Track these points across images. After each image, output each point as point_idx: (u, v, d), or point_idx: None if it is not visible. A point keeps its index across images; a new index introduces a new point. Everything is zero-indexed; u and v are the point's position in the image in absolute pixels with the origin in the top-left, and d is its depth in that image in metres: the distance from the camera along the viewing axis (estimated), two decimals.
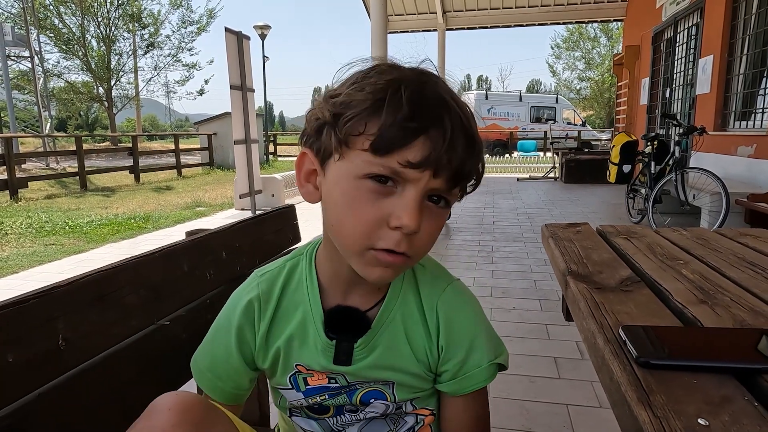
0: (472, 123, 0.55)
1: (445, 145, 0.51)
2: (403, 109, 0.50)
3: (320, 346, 0.64)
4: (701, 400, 0.43)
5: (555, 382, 2.05)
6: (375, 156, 0.52)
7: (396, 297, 0.65)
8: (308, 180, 0.60)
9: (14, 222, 6.25)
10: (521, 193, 8.21)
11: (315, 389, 0.67)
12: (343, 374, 0.65)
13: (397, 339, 0.65)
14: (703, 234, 1.08)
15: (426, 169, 0.51)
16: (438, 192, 0.54)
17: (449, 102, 0.53)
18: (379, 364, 0.64)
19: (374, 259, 0.54)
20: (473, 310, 0.68)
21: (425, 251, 0.58)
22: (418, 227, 0.52)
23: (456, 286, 0.68)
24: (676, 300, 0.67)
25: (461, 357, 0.65)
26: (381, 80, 0.53)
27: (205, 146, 14.71)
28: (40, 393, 0.61)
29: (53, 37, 22.29)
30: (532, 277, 3.54)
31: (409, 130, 0.50)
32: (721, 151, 5.23)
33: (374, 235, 0.53)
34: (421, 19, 11.21)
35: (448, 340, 0.65)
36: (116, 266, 0.77)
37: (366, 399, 0.67)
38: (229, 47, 5.56)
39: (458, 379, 0.65)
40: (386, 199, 0.53)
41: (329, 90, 0.57)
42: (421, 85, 0.53)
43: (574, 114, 22.63)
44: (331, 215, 0.57)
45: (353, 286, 0.64)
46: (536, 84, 67.29)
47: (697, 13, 6.12)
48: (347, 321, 0.64)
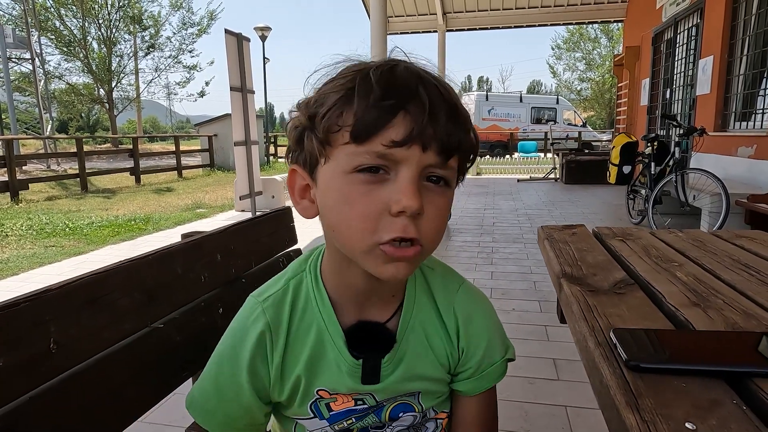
0: (452, 94, 0.53)
1: (426, 116, 0.49)
2: (375, 90, 0.49)
3: (345, 367, 0.60)
4: (690, 403, 0.43)
5: (554, 384, 2.04)
6: (358, 145, 0.50)
7: (412, 303, 0.63)
8: (303, 196, 0.58)
9: (15, 224, 6.26)
10: (521, 194, 8.21)
11: (341, 414, 0.63)
12: (371, 393, 0.62)
13: (420, 347, 0.63)
14: (698, 236, 1.08)
15: (412, 145, 0.49)
16: (433, 169, 0.52)
17: (423, 76, 0.52)
18: (406, 376, 0.62)
19: (384, 254, 0.51)
20: (487, 307, 0.68)
21: (436, 237, 0.54)
22: (419, 206, 0.50)
23: (466, 285, 0.68)
24: (669, 303, 0.67)
25: (480, 356, 0.65)
26: (349, 72, 0.52)
27: (206, 148, 14.73)
28: (31, 396, 0.61)
29: (54, 39, 22.35)
30: (532, 278, 3.54)
31: (386, 109, 0.49)
32: (722, 152, 5.22)
33: (379, 227, 0.50)
34: (421, 21, 11.22)
35: (468, 340, 0.65)
36: (109, 269, 0.77)
37: (395, 414, 0.65)
38: (229, 49, 5.56)
39: (477, 378, 0.65)
40: (381, 187, 0.50)
41: (303, 98, 0.56)
42: (389, 67, 0.52)
43: (575, 115, 22.63)
44: (330, 219, 0.54)
45: (368, 297, 0.61)
46: (537, 85, 67.29)
47: (697, 14, 6.11)
48: (370, 337, 0.61)
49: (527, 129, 21.44)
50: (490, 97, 22.58)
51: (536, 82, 68.46)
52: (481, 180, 10.85)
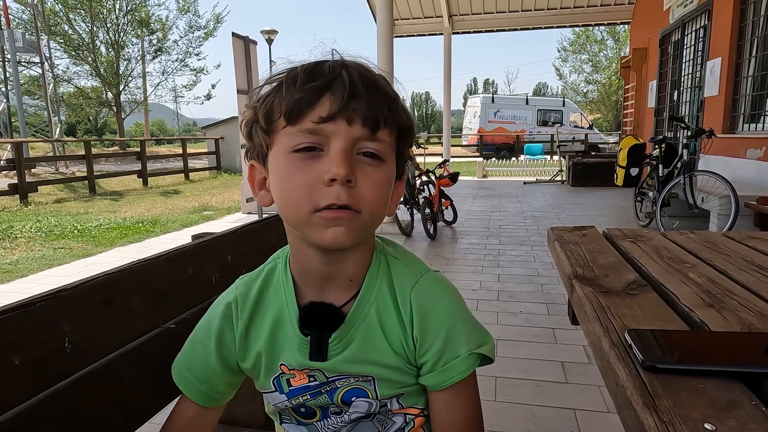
0: (374, 74, 0.59)
1: (347, 93, 0.55)
2: (300, 77, 0.56)
3: (296, 342, 0.65)
4: (707, 404, 0.43)
5: (562, 387, 2.03)
6: (292, 126, 0.56)
7: (371, 290, 0.65)
8: (261, 188, 0.64)
9: (24, 226, 6.31)
10: (528, 197, 8.18)
11: (297, 390, 0.67)
12: (320, 370, 0.65)
13: (373, 332, 0.65)
14: (710, 237, 1.07)
15: (338, 119, 0.55)
16: (364, 143, 0.57)
17: (347, 63, 0.58)
18: (356, 357, 0.64)
19: (321, 220, 0.56)
20: (450, 299, 0.67)
21: (374, 207, 0.58)
22: (347, 172, 0.54)
23: (431, 275, 0.68)
24: (683, 304, 0.67)
25: (438, 347, 0.64)
26: (282, 70, 0.59)
27: (213, 150, 14.80)
28: (46, 395, 0.61)
29: (63, 43, 22.57)
30: (539, 280, 3.53)
31: (311, 90, 0.55)
32: (730, 154, 5.18)
33: (314, 195, 0.55)
34: (427, 23, 11.23)
35: (423, 330, 0.64)
36: (122, 269, 0.77)
37: (347, 398, 0.66)
38: (236, 52, 5.60)
39: (437, 372, 0.64)
40: (317, 162, 0.56)
41: (249, 102, 0.63)
42: (316, 61, 0.59)
43: (581, 117, 22.56)
44: (278, 198, 0.60)
45: (327, 282, 0.65)
46: (543, 87, 67.10)
47: (705, 15, 6.08)
48: (321, 316, 0.64)
49: (533, 131, 21.39)
50: (496, 99, 22.56)
51: (542, 85, 68.29)
52: (487, 182, 10.82)
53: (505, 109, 21.91)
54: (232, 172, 14.16)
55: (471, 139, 22.03)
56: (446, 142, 11.73)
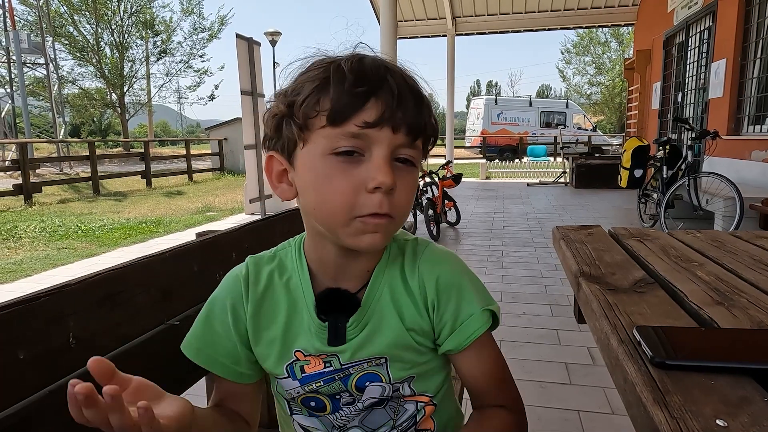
0: (415, 82, 0.60)
1: (395, 101, 0.55)
2: (348, 78, 0.55)
3: (314, 329, 0.65)
4: (718, 401, 0.42)
5: (566, 388, 2.02)
6: (334, 127, 0.55)
7: (382, 272, 0.67)
8: (281, 180, 0.63)
9: (28, 226, 6.34)
10: (531, 198, 8.17)
11: (310, 376, 0.67)
12: (336, 355, 0.65)
13: (387, 311, 0.66)
14: (717, 236, 1.06)
15: (384, 127, 0.55)
16: (402, 150, 0.57)
17: (389, 66, 0.58)
18: (371, 338, 0.65)
19: (361, 225, 0.56)
20: (454, 262, 0.69)
21: (406, 210, 0.60)
22: (393, 182, 0.55)
23: (433, 245, 0.70)
24: (692, 301, 0.66)
25: (453, 308, 0.65)
26: (322, 64, 0.58)
27: (216, 151, 14.83)
28: (50, 390, 0.61)
29: (68, 44, 22.68)
30: (543, 282, 3.52)
31: (359, 95, 0.54)
32: (735, 156, 5.16)
33: (356, 203, 0.56)
34: (430, 25, 11.24)
35: (437, 294, 0.65)
36: (126, 266, 0.77)
37: (361, 383, 0.66)
38: (240, 53, 5.61)
39: (456, 332, 0.65)
40: (358, 167, 0.55)
41: (279, 88, 0.61)
42: (358, 58, 0.57)
43: (585, 119, 22.51)
44: (310, 199, 0.59)
45: (342, 271, 0.66)
46: (546, 89, 67.02)
47: (710, 17, 6.07)
48: (337, 302, 0.65)
49: (536, 133, 21.36)
50: (499, 101, 22.55)
51: (546, 86, 68.22)
52: (490, 184, 10.81)
53: (509, 111, 21.88)
54: (235, 173, 14.19)
55: (474, 141, 22.01)
56: (449, 143, 11.72)
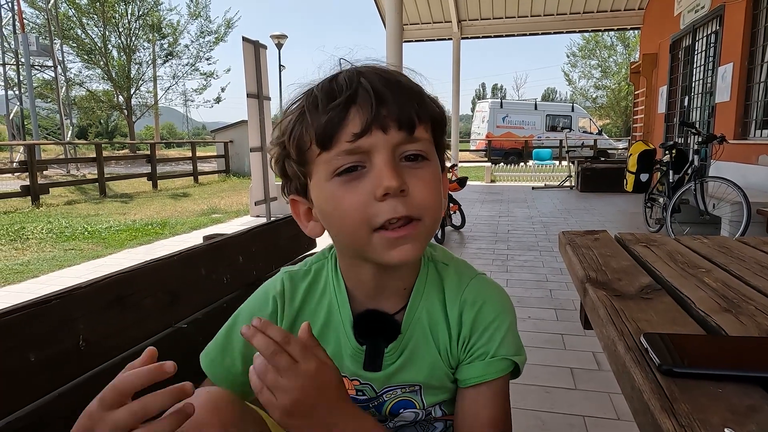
0: (392, 72, 0.56)
1: (374, 99, 0.52)
2: (320, 98, 0.53)
3: (349, 351, 0.63)
4: (726, 409, 0.42)
5: (571, 393, 2.01)
6: (327, 151, 0.53)
7: (420, 296, 0.64)
8: (308, 219, 0.62)
9: (35, 227, 6.38)
10: (536, 202, 8.15)
11: None
12: (370, 384, 0.63)
13: (424, 338, 0.63)
14: (725, 242, 1.06)
15: (373, 131, 0.52)
16: (404, 146, 0.54)
17: (361, 70, 0.55)
18: (407, 366, 0.63)
19: (385, 240, 0.54)
20: (498, 299, 0.65)
21: (431, 207, 0.56)
22: (399, 183, 0.52)
23: (482, 278, 0.67)
24: (699, 308, 0.66)
25: (484, 342, 0.63)
26: (297, 97, 0.57)
27: (222, 154, 14.88)
28: (60, 392, 0.62)
29: (76, 47, 22.88)
30: (548, 286, 3.50)
31: (336, 109, 0.52)
32: (742, 160, 5.13)
33: (370, 213, 0.53)
34: (436, 28, 11.25)
35: (472, 329, 0.63)
36: (135, 269, 0.78)
37: (395, 410, 0.65)
38: (246, 56, 5.63)
39: (471, 365, 0.62)
40: (363, 180, 0.53)
41: (273, 137, 0.61)
42: (330, 78, 0.56)
43: (590, 122, 22.45)
44: (330, 225, 0.58)
45: (380, 291, 0.63)
46: (552, 92, 66.90)
47: (717, 21, 6.04)
48: (377, 325, 0.62)
49: (542, 136, 21.32)
50: (504, 104, 22.51)
51: (551, 90, 68.11)
52: (495, 187, 10.79)
53: (514, 114, 21.85)
54: (241, 176, 14.23)
55: (479, 144, 21.99)
56: (454, 146, 11.70)
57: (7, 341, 0.57)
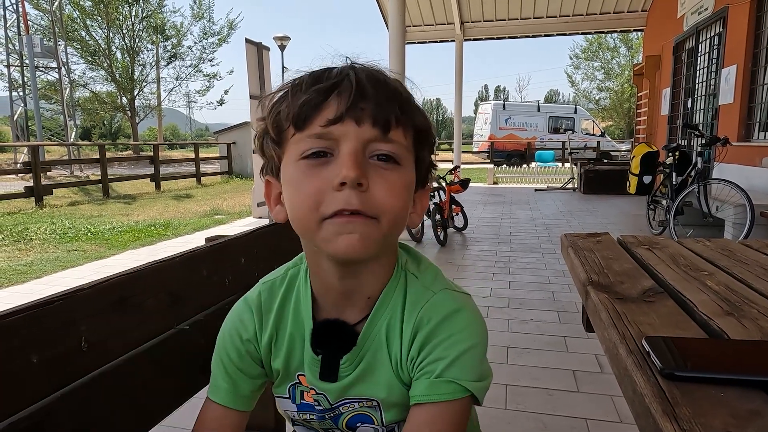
0: (384, 74, 0.56)
1: (354, 92, 0.52)
2: (306, 81, 0.54)
3: (308, 360, 0.63)
4: (728, 413, 0.42)
5: (574, 396, 2.01)
6: (301, 132, 0.53)
7: (384, 307, 0.61)
8: (277, 203, 0.60)
9: (39, 228, 6.40)
10: (539, 204, 8.14)
11: (306, 405, 0.66)
12: (325, 394, 0.63)
13: (381, 352, 0.61)
14: (727, 245, 1.05)
15: (346, 120, 0.52)
16: (376, 144, 0.53)
17: (356, 66, 0.55)
18: (363, 378, 0.61)
19: (332, 227, 0.52)
20: (466, 318, 0.59)
21: (387, 210, 0.53)
22: (358, 175, 0.50)
23: (448, 293, 0.61)
24: (701, 312, 0.66)
25: (433, 359, 0.57)
26: (287, 81, 0.57)
27: (225, 155, 14.92)
28: (62, 394, 0.62)
29: (80, 48, 22.97)
30: (550, 288, 3.50)
31: (318, 92, 0.53)
32: (745, 162, 5.12)
33: (323, 202, 0.51)
34: (439, 30, 11.26)
35: (425, 341, 0.58)
36: (137, 270, 0.78)
37: (352, 424, 0.64)
38: (249, 58, 5.65)
39: (427, 381, 0.57)
40: (326, 167, 0.52)
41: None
42: (323, 68, 0.56)
43: (593, 124, 22.42)
44: (289, 209, 0.56)
45: (346, 298, 0.61)
46: (554, 94, 66.81)
47: (720, 23, 6.03)
48: (333, 335, 0.61)
49: (545, 138, 21.30)
50: (507, 106, 22.51)
51: (554, 92, 67.99)
52: (497, 189, 10.79)
53: (517, 116, 21.84)
54: (243, 177, 14.26)
55: (482, 146, 21.99)
56: (457, 148, 11.71)
57: (10, 342, 0.57)
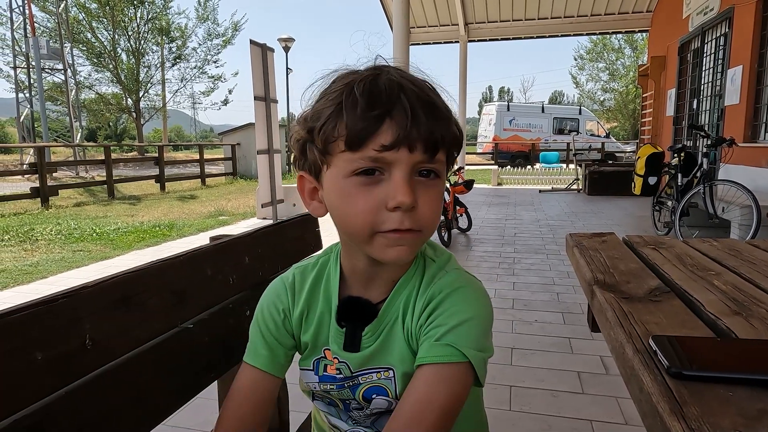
0: (431, 94, 0.59)
1: (409, 120, 0.55)
2: (360, 103, 0.56)
3: (333, 332, 0.69)
4: (737, 413, 0.41)
5: (578, 397, 2.00)
6: (353, 152, 0.57)
7: (404, 285, 0.67)
8: (312, 198, 0.66)
9: (44, 228, 6.43)
10: (543, 205, 8.11)
11: (327, 377, 0.71)
12: (347, 363, 0.69)
13: (397, 325, 0.67)
14: (734, 245, 1.05)
15: (400, 148, 0.56)
16: (422, 164, 0.58)
17: (402, 83, 0.58)
18: (382, 350, 0.67)
19: (384, 239, 0.58)
20: (473, 294, 0.65)
21: (431, 223, 0.60)
22: (412, 201, 0.56)
23: (459, 272, 0.68)
24: (708, 311, 0.65)
25: (436, 324, 0.62)
26: (338, 87, 0.59)
27: (229, 156, 14.96)
28: (66, 392, 0.62)
29: (86, 50, 23.08)
30: (555, 289, 3.49)
31: (373, 119, 0.55)
32: (751, 163, 5.09)
33: (377, 220, 0.57)
34: (443, 31, 11.25)
35: (434, 311, 0.63)
36: (141, 269, 0.78)
37: (368, 395, 0.69)
38: (253, 59, 5.66)
39: (427, 344, 0.61)
40: (378, 186, 0.57)
41: (301, 113, 0.63)
42: (372, 78, 0.58)
43: (598, 125, 22.35)
44: (336, 216, 0.62)
45: (371, 279, 0.68)
46: (559, 95, 66.63)
47: (726, 23, 6.00)
48: (356, 310, 0.68)
49: (549, 139, 21.24)
50: (511, 107, 22.46)
51: (558, 93, 67.86)
52: (501, 190, 10.76)
53: (521, 117, 21.79)
54: (247, 178, 14.28)
55: (486, 147, 21.95)
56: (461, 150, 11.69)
57: (14, 340, 0.57)
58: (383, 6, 10.29)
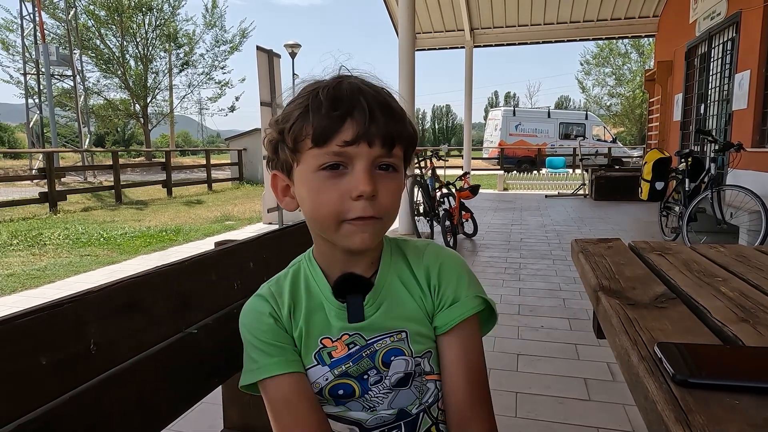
0: (387, 97, 0.67)
1: (368, 119, 0.63)
2: (324, 105, 0.63)
3: (333, 311, 0.72)
4: (744, 421, 0.41)
5: (585, 404, 1.98)
6: (319, 148, 0.64)
7: (389, 264, 0.75)
8: (285, 194, 0.73)
9: (52, 233, 6.48)
10: (549, 210, 8.08)
11: (339, 360, 0.72)
12: (359, 333, 0.72)
13: (399, 292, 0.74)
14: (742, 251, 1.04)
15: (361, 143, 0.63)
16: (381, 159, 0.65)
17: (362, 88, 0.65)
18: (389, 314, 0.72)
19: (350, 227, 0.65)
20: (454, 256, 0.78)
21: (391, 211, 0.67)
22: (373, 190, 0.63)
23: (435, 244, 0.79)
24: (715, 318, 0.64)
25: (453, 289, 0.73)
26: (304, 92, 0.67)
27: (235, 161, 15.03)
28: (71, 396, 0.62)
29: (94, 57, 23.32)
30: (561, 295, 3.46)
31: (336, 118, 0.63)
32: (760, 169, 5.04)
33: (343, 209, 0.64)
34: (449, 37, 11.28)
35: (440, 278, 0.74)
36: (147, 274, 0.78)
37: (387, 358, 0.72)
38: (260, 65, 5.70)
39: (448, 309, 0.72)
40: (343, 179, 0.64)
41: (272, 117, 0.71)
42: (336, 84, 0.65)
43: (604, 130, 22.27)
44: (306, 208, 0.68)
45: (349, 267, 0.73)
46: (565, 100, 66.49)
47: (733, 28, 5.98)
48: (352, 284, 0.72)
49: (555, 144, 21.19)
50: (517, 112, 22.42)
51: (564, 98, 67.72)
52: (507, 195, 10.74)
53: (527, 122, 21.75)
54: (254, 183, 14.34)
55: (492, 152, 21.92)
56: (467, 154, 11.69)
57: (20, 344, 0.57)
58: (389, 12, 10.33)
